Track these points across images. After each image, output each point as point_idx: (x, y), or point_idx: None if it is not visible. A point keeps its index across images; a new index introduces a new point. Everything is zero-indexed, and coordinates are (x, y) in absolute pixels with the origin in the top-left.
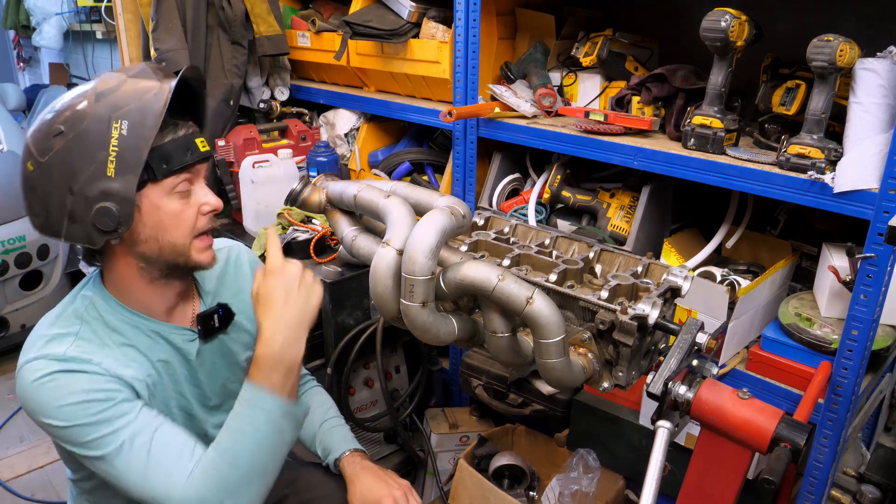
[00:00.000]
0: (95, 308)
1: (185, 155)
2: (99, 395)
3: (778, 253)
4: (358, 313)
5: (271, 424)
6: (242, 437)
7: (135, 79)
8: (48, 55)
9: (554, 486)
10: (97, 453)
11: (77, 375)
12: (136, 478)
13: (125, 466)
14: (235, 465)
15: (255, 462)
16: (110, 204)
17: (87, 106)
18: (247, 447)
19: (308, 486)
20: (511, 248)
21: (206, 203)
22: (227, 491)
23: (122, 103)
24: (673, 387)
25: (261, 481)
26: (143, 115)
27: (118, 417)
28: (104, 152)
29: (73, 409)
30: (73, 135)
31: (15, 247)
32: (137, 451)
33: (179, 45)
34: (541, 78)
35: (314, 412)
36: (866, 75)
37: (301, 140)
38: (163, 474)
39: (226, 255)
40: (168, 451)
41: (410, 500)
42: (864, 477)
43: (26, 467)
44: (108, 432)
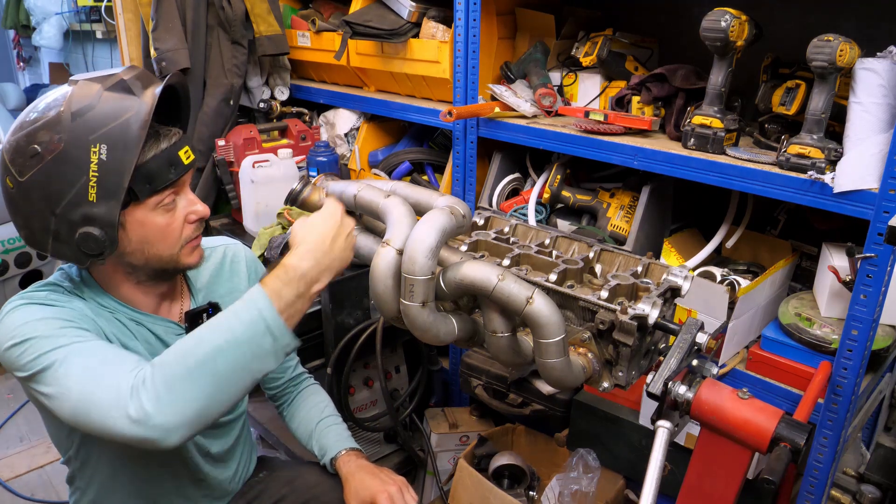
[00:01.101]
0: (81, 290)
1: (168, 172)
2: (63, 315)
3: (778, 253)
4: (358, 313)
5: (251, 328)
6: (216, 328)
7: (111, 93)
8: (48, 55)
9: (554, 486)
10: (43, 364)
11: (47, 307)
12: (76, 379)
13: (67, 372)
14: (190, 352)
15: (214, 359)
16: (94, 229)
17: (63, 126)
18: (213, 338)
19: (307, 486)
20: (511, 247)
21: (192, 212)
22: (168, 374)
23: (100, 124)
24: (673, 387)
25: (207, 385)
26: (122, 138)
27: (74, 335)
28: (84, 177)
29: (32, 325)
30: (50, 157)
31: (15, 246)
32: (87, 357)
33: (179, 44)
34: (541, 78)
35: (311, 411)
36: (866, 75)
37: (301, 140)
38: (110, 371)
39: (222, 253)
40: (120, 357)
41: (406, 496)
42: (863, 477)
43: (26, 467)
44: (60, 345)
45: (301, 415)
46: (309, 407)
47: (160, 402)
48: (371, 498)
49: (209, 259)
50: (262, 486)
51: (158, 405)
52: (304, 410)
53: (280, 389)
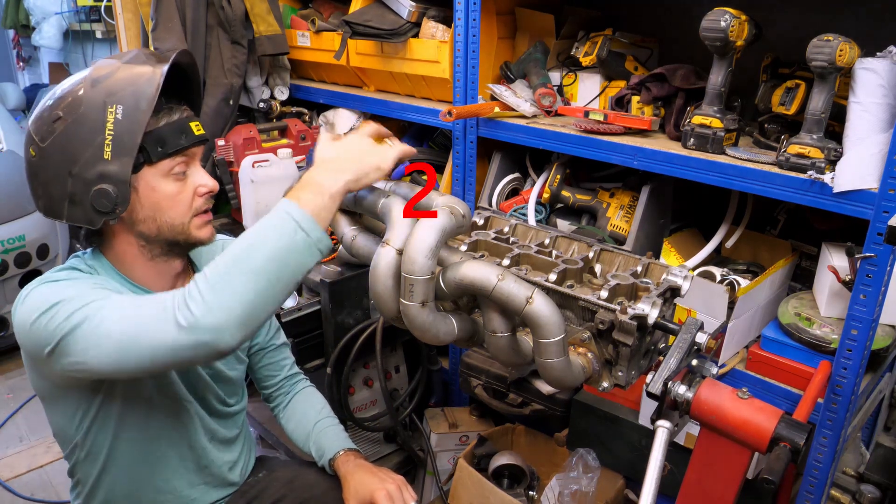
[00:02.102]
0: (96, 271)
1: (179, 138)
2: (88, 282)
3: (777, 253)
4: (358, 313)
5: (284, 224)
6: (252, 232)
7: (129, 65)
8: (48, 55)
9: (553, 486)
10: (77, 320)
11: (71, 281)
12: (115, 322)
13: (103, 319)
14: (228, 256)
15: (250, 255)
16: (107, 186)
17: (84, 92)
18: (252, 237)
19: (306, 486)
20: (511, 247)
21: (202, 185)
22: (210, 277)
23: (117, 88)
24: (672, 386)
25: (256, 282)
26: (136, 99)
27: (105, 293)
28: (101, 136)
29: (59, 291)
30: (70, 119)
31: (14, 246)
32: (120, 305)
33: (179, 44)
34: (540, 77)
35: (307, 413)
36: (866, 75)
37: (301, 140)
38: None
39: (221, 246)
40: (156, 297)
41: (405, 494)
42: (863, 476)
43: (26, 467)
44: (92, 299)
45: (298, 417)
46: (306, 409)
47: (206, 304)
48: (370, 496)
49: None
50: (261, 485)
51: (205, 306)
52: (300, 412)
53: (275, 388)
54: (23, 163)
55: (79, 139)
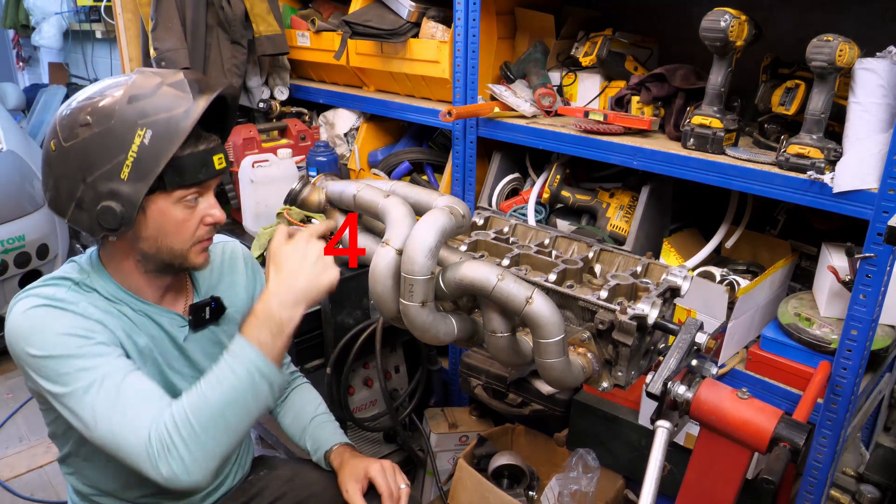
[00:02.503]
0: (90, 278)
1: (199, 171)
2: (80, 331)
3: (777, 253)
4: (357, 313)
5: (249, 379)
6: (218, 386)
7: (171, 88)
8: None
9: (553, 486)
10: (68, 388)
11: (62, 312)
12: (102, 415)
13: (93, 403)
14: (202, 409)
15: (224, 414)
16: (116, 204)
17: (118, 105)
18: (219, 396)
19: (306, 484)
20: (510, 247)
21: (209, 215)
22: (187, 434)
23: (152, 111)
24: (672, 387)
25: (227, 437)
26: (168, 129)
27: (94, 356)
28: (123, 155)
29: (53, 340)
30: (98, 129)
31: (14, 246)
32: (107, 391)
33: (179, 44)
34: (540, 78)
35: (303, 408)
36: (866, 75)
37: (300, 140)
38: (129, 412)
39: (220, 250)
40: (138, 392)
41: (396, 474)
42: (863, 477)
43: (26, 467)
44: (81, 367)
45: (294, 412)
46: (302, 404)
47: (185, 464)
48: (364, 472)
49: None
50: (261, 484)
51: (184, 467)
52: (297, 408)
53: None
54: (22, 163)
55: (101, 151)
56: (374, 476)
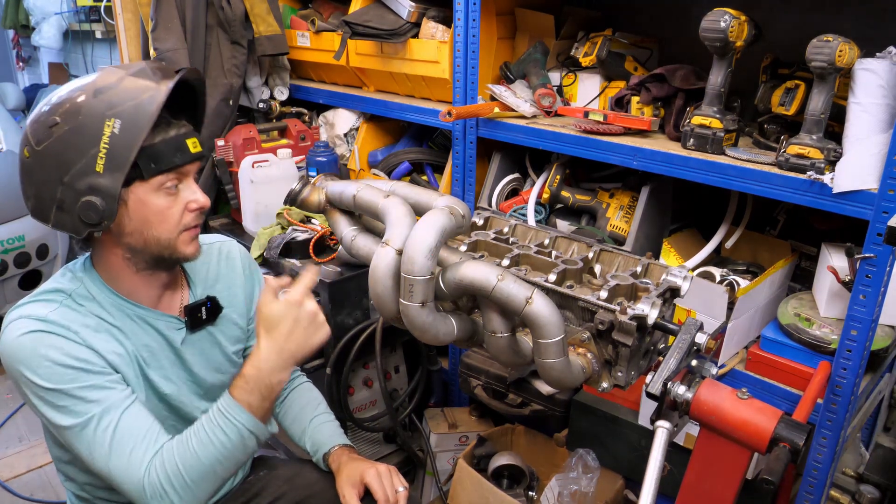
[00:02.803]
0: (84, 287)
1: (174, 156)
2: (74, 362)
3: (777, 253)
4: (357, 313)
5: (240, 439)
6: (210, 446)
7: (134, 77)
8: (47, 55)
9: (553, 486)
10: (66, 423)
11: (54, 339)
12: (99, 454)
13: (90, 441)
14: (194, 467)
15: (214, 470)
16: (96, 198)
17: (84, 100)
18: (210, 454)
19: (306, 484)
20: (510, 248)
21: (193, 201)
22: (179, 486)
23: (118, 102)
24: (672, 387)
25: (211, 484)
26: (136, 116)
27: (92, 389)
28: (95, 148)
29: (51, 369)
30: (68, 127)
31: (14, 246)
32: (104, 429)
33: (179, 44)
34: (540, 78)
35: (304, 409)
36: (866, 76)
37: (300, 140)
38: (125, 456)
39: (217, 250)
40: (133, 433)
41: (394, 478)
42: (863, 477)
43: (25, 467)
44: (80, 401)
45: (294, 412)
46: (302, 404)
47: None
48: (360, 477)
49: (206, 254)
50: (261, 483)
51: None
52: (297, 408)
53: None
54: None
55: (73, 148)
56: (369, 482)
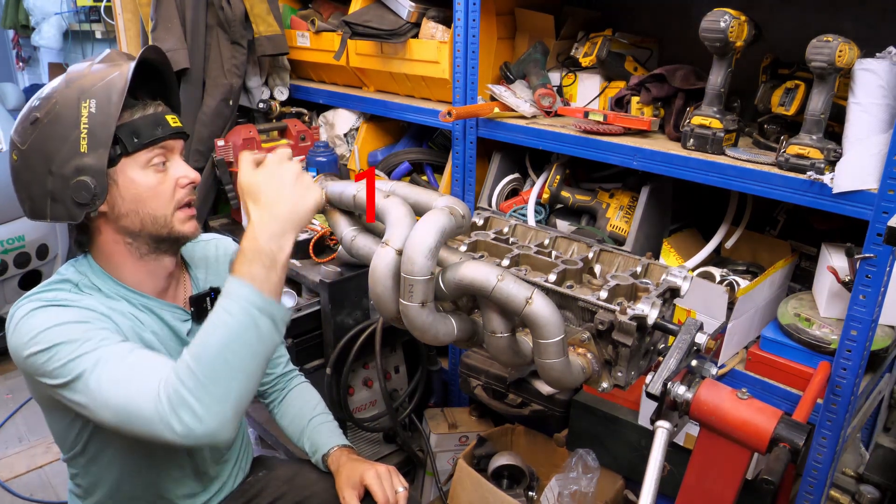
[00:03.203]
0: (89, 279)
1: (155, 129)
2: (80, 317)
3: (777, 253)
4: (357, 313)
5: (247, 316)
6: (217, 328)
7: (101, 64)
8: (47, 55)
9: (553, 486)
10: (75, 373)
11: (64, 309)
12: (111, 391)
13: (99, 381)
14: (202, 357)
15: (225, 357)
16: (85, 178)
17: (59, 92)
18: (217, 339)
19: (305, 484)
20: (510, 248)
21: (183, 176)
22: (193, 385)
23: (89, 84)
24: (672, 387)
25: (235, 380)
26: (108, 92)
27: (97, 339)
28: (76, 130)
29: (54, 331)
30: (47, 120)
31: (14, 246)
32: (115, 364)
33: (179, 44)
34: (540, 78)
35: (302, 409)
36: (865, 76)
37: (300, 140)
38: (137, 383)
39: (214, 246)
40: (144, 363)
41: (394, 479)
42: (863, 477)
43: (25, 467)
44: (85, 350)
45: (293, 412)
46: (300, 405)
47: (197, 414)
48: (360, 478)
49: (204, 248)
50: (261, 484)
51: (197, 417)
52: (295, 408)
53: (270, 385)
54: None
55: (56, 136)
56: (369, 483)
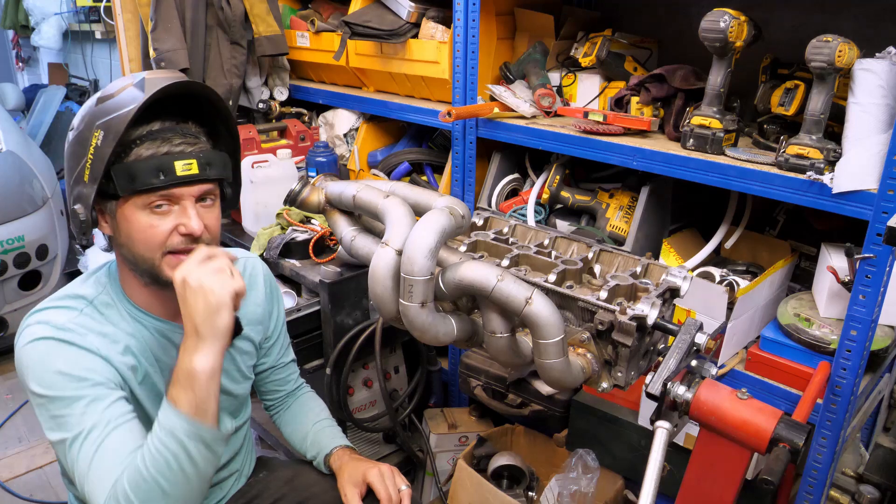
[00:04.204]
0: (107, 293)
1: (153, 176)
2: (81, 371)
3: (777, 253)
4: (357, 313)
5: (176, 444)
6: (149, 459)
7: (134, 88)
8: (47, 55)
9: (553, 487)
10: (59, 435)
11: (66, 347)
12: (80, 471)
13: (75, 458)
14: (140, 488)
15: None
16: (79, 207)
17: (89, 106)
18: (153, 469)
19: (306, 485)
20: (510, 248)
21: (182, 224)
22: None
23: (106, 112)
24: (672, 387)
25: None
26: (113, 129)
27: (90, 403)
28: (85, 157)
29: (53, 378)
30: (75, 133)
31: (14, 247)
32: (90, 446)
33: (178, 45)
34: (540, 78)
35: (306, 416)
36: (865, 76)
37: (300, 140)
38: (99, 476)
39: (241, 266)
40: (116, 454)
41: (396, 478)
42: (862, 477)
43: (25, 467)
44: (72, 414)
45: (297, 420)
46: (305, 412)
47: None
48: (362, 476)
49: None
50: (261, 485)
51: None
52: (299, 416)
53: (278, 402)
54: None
55: (74, 155)
56: (372, 481)
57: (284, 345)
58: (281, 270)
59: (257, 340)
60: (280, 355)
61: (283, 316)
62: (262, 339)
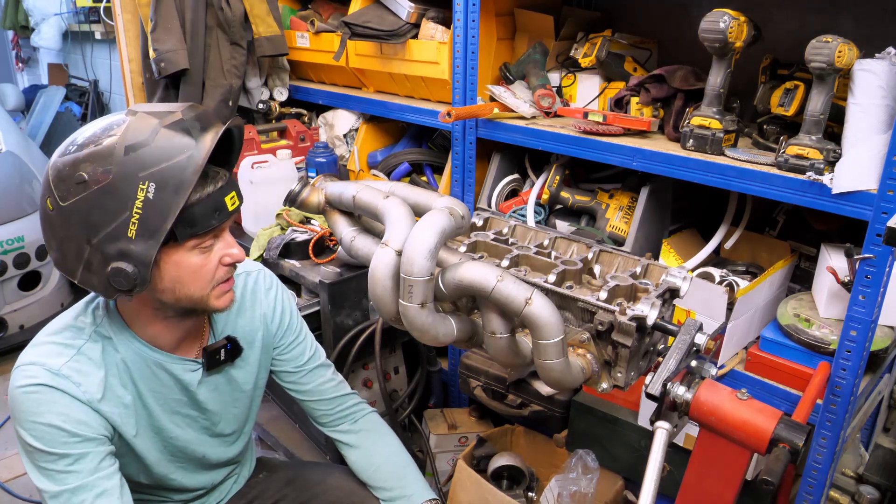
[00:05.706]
0: (107, 327)
1: (212, 217)
2: (72, 425)
3: (777, 253)
4: (357, 314)
5: None
6: None
7: (168, 130)
8: (47, 55)
9: (553, 487)
10: (41, 486)
11: (59, 395)
12: None
13: None
14: None
15: None
16: (127, 265)
17: (115, 157)
18: None
19: (306, 485)
20: (510, 248)
21: (227, 255)
22: None
23: (152, 162)
24: (672, 387)
25: None
26: (172, 181)
27: (77, 459)
28: (127, 213)
29: (42, 430)
30: (96, 187)
31: (13, 247)
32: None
33: (178, 45)
34: (540, 79)
35: (390, 459)
36: (865, 76)
37: (300, 141)
38: None
39: (242, 282)
40: None
41: None
42: (862, 478)
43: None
44: (61, 470)
45: (376, 463)
46: (386, 455)
47: None
48: None
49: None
50: (262, 486)
51: None
52: (378, 458)
53: (330, 416)
54: (22, 164)
55: (103, 210)
56: None
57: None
58: (281, 271)
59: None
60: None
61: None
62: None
